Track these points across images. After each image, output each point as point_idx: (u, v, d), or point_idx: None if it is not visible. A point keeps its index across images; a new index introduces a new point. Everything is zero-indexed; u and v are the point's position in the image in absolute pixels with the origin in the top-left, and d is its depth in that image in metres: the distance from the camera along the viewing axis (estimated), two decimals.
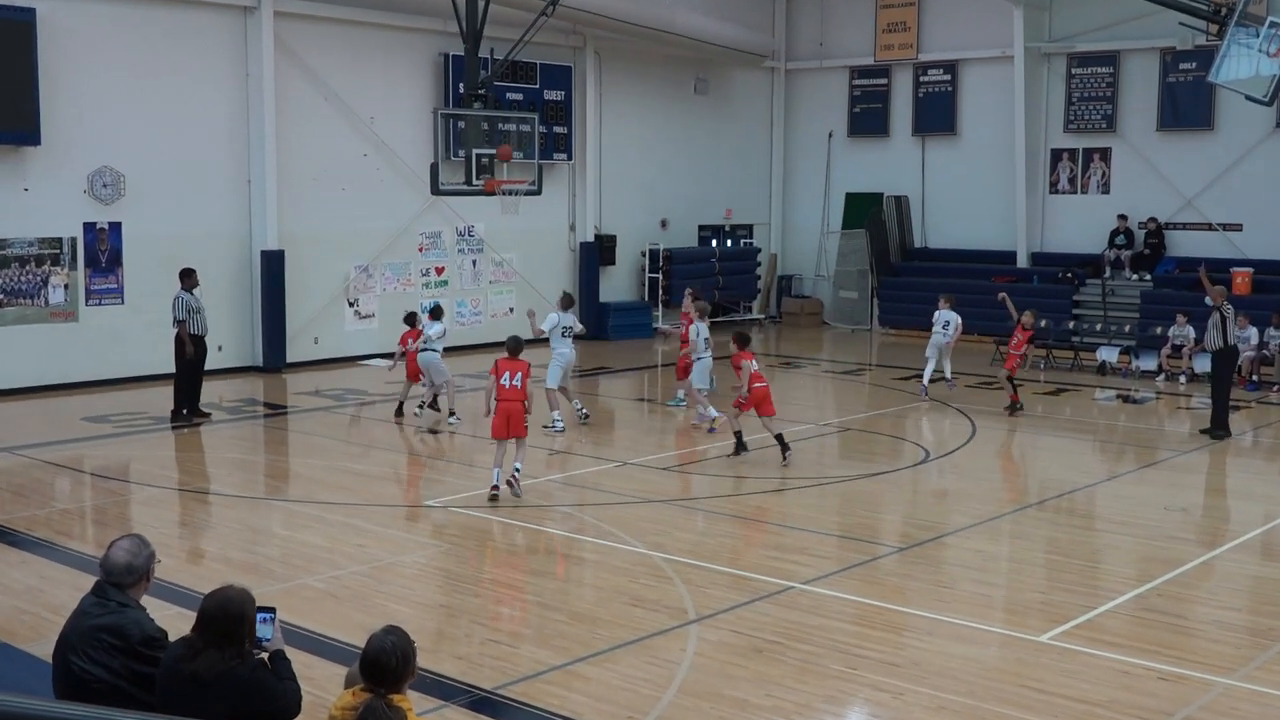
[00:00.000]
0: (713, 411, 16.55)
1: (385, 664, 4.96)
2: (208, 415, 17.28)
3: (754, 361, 14.86)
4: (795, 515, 12.69)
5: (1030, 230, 27.48)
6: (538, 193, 19.11)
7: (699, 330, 16.83)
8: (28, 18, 18.19)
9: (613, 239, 27.49)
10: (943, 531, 12.09)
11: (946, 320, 19.39)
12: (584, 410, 17.23)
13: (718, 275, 28.99)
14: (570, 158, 26.29)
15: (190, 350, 16.73)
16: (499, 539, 11.89)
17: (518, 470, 12.98)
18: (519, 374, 12.82)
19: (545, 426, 16.25)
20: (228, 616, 5.22)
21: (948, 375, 19.53)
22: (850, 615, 9.56)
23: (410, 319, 17.94)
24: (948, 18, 28.54)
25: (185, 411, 17.01)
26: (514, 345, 13.23)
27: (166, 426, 16.77)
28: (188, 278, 17.04)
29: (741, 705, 7.75)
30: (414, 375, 17.47)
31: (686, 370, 17.33)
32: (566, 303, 17.40)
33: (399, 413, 17.44)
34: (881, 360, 24.90)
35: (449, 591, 10.24)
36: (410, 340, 17.54)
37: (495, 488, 12.83)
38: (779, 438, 14.70)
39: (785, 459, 14.59)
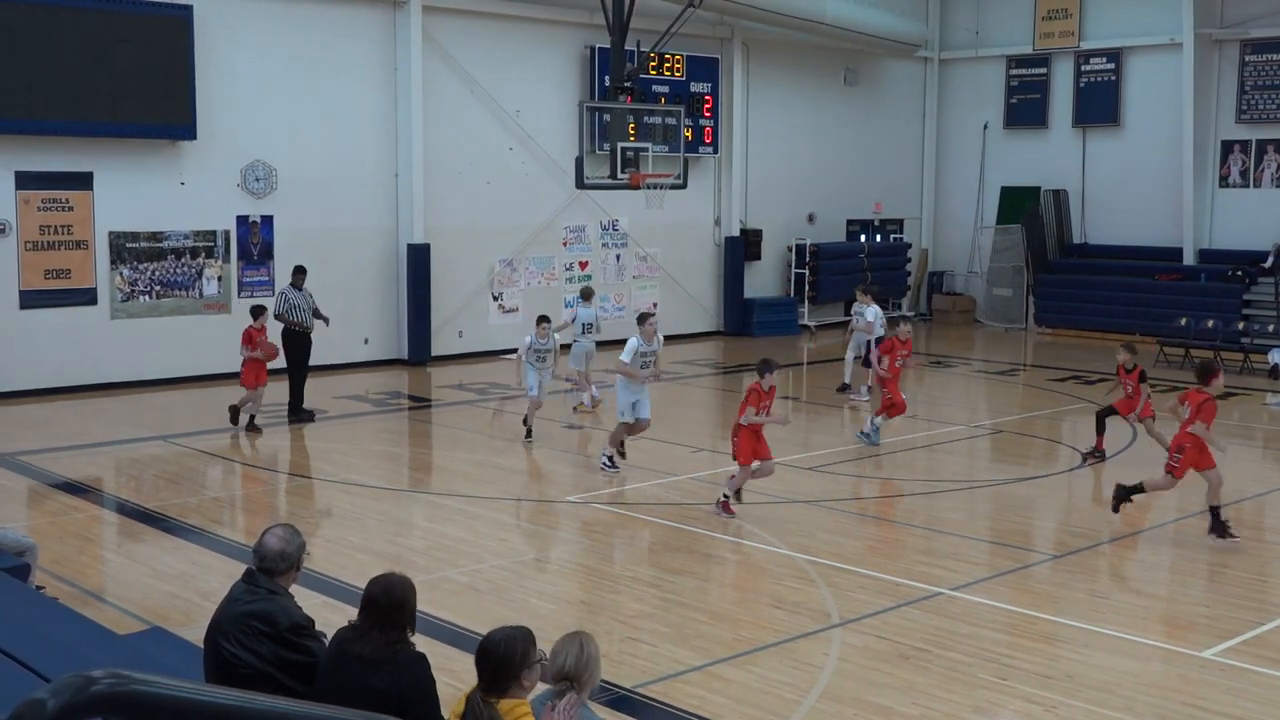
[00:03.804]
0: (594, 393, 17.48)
1: (490, 655, 4.87)
2: (311, 416, 16.71)
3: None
4: (944, 519, 12.31)
5: (1198, 226, 26.39)
6: (683, 186, 18.96)
7: (579, 316, 17.68)
8: (185, 14, 18.63)
9: (758, 234, 27.21)
10: (1099, 539, 11.62)
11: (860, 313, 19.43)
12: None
13: (866, 271, 28.49)
14: (716, 151, 26.08)
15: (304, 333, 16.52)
16: (640, 536, 11.76)
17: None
18: None
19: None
20: (391, 601, 5.36)
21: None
22: (1001, 624, 9.22)
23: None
24: (1112, 4, 27.57)
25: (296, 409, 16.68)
26: None
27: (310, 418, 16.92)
28: (300, 274, 16.81)
29: (886, 713, 7.51)
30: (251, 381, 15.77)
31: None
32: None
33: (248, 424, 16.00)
34: (1037, 360, 24.14)
35: (589, 588, 10.17)
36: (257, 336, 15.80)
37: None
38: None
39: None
